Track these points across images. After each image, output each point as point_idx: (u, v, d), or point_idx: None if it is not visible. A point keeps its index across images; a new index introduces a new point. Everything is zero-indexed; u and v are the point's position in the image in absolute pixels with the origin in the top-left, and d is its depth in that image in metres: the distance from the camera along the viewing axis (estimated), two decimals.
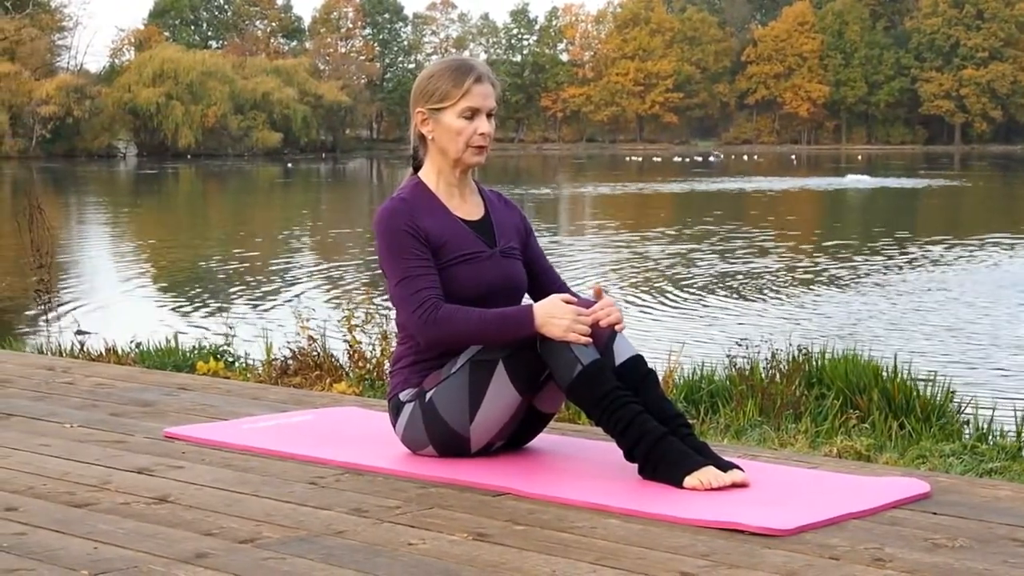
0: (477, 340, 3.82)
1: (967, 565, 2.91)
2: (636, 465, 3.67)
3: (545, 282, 4.15)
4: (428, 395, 3.90)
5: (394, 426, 4.03)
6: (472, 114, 3.96)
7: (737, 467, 3.63)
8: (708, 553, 3.00)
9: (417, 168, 4.09)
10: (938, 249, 20.86)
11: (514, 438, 4.02)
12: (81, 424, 4.60)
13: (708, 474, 3.57)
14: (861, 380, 6.20)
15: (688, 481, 3.56)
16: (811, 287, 15.91)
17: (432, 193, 4.02)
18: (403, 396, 3.97)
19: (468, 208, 4.06)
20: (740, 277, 16.96)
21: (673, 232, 24.77)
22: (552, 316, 3.73)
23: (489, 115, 4.00)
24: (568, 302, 3.77)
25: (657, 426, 3.64)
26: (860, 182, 47.93)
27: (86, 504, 3.47)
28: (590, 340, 3.73)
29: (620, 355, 3.81)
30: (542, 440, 4.15)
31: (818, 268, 18.21)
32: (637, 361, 3.82)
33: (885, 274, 17.34)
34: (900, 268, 18.13)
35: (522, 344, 3.77)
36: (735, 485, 3.56)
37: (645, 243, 22.31)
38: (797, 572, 2.85)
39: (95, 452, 4.12)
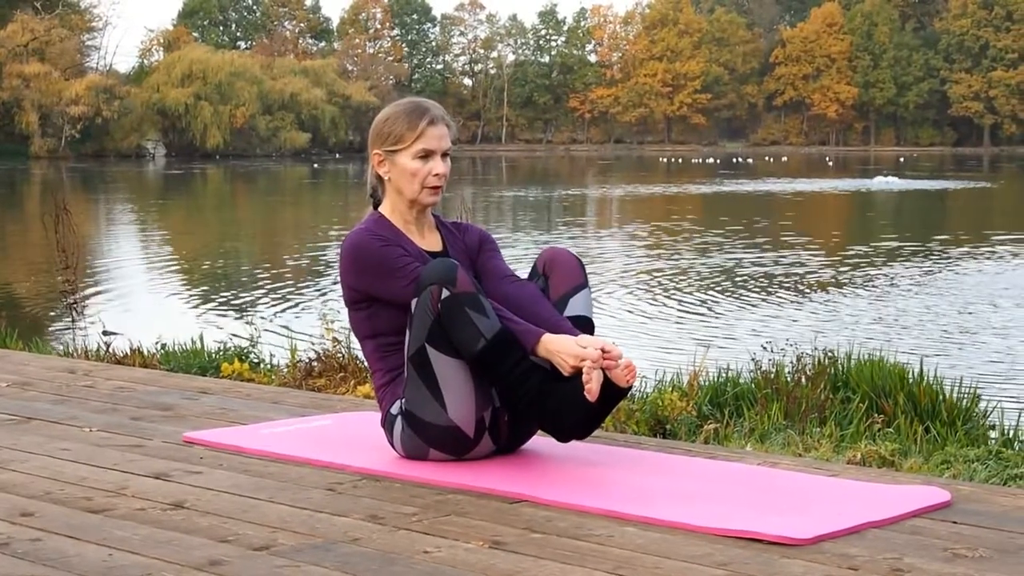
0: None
1: (987, 575, 2.88)
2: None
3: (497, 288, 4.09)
4: (403, 403, 3.94)
5: (392, 446, 4.04)
6: (426, 155, 4.04)
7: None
8: (726, 562, 2.98)
9: (376, 207, 4.17)
10: (967, 251, 20.77)
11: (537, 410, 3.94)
12: (100, 428, 4.60)
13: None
14: (887, 384, 6.15)
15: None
16: (839, 289, 15.85)
17: (394, 226, 4.09)
18: (393, 409, 4.00)
19: (427, 243, 4.13)
20: (773, 278, 16.91)
21: (701, 233, 24.72)
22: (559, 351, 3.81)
23: (444, 155, 4.07)
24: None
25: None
26: (889, 184, 47.71)
27: (102, 510, 3.46)
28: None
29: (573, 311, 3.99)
30: (559, 446, 4.12)
31: (846, 270, 18.15)
32: (585, 322, 3.99)
33: (913, 276, 17.26)
34: (928, 271, 18.04)
35: (425, 321, 3.83)
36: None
37: (674, 245, 22.26)
38: None
39: (113, 456, 4.12)
